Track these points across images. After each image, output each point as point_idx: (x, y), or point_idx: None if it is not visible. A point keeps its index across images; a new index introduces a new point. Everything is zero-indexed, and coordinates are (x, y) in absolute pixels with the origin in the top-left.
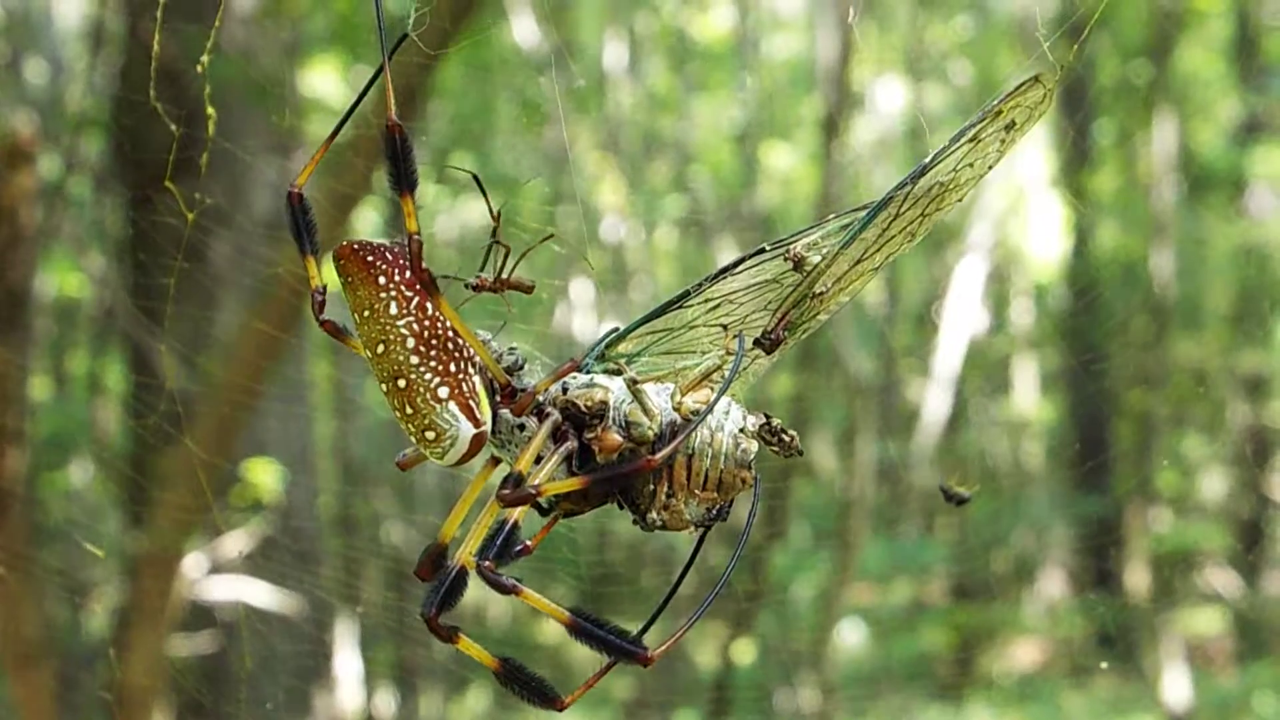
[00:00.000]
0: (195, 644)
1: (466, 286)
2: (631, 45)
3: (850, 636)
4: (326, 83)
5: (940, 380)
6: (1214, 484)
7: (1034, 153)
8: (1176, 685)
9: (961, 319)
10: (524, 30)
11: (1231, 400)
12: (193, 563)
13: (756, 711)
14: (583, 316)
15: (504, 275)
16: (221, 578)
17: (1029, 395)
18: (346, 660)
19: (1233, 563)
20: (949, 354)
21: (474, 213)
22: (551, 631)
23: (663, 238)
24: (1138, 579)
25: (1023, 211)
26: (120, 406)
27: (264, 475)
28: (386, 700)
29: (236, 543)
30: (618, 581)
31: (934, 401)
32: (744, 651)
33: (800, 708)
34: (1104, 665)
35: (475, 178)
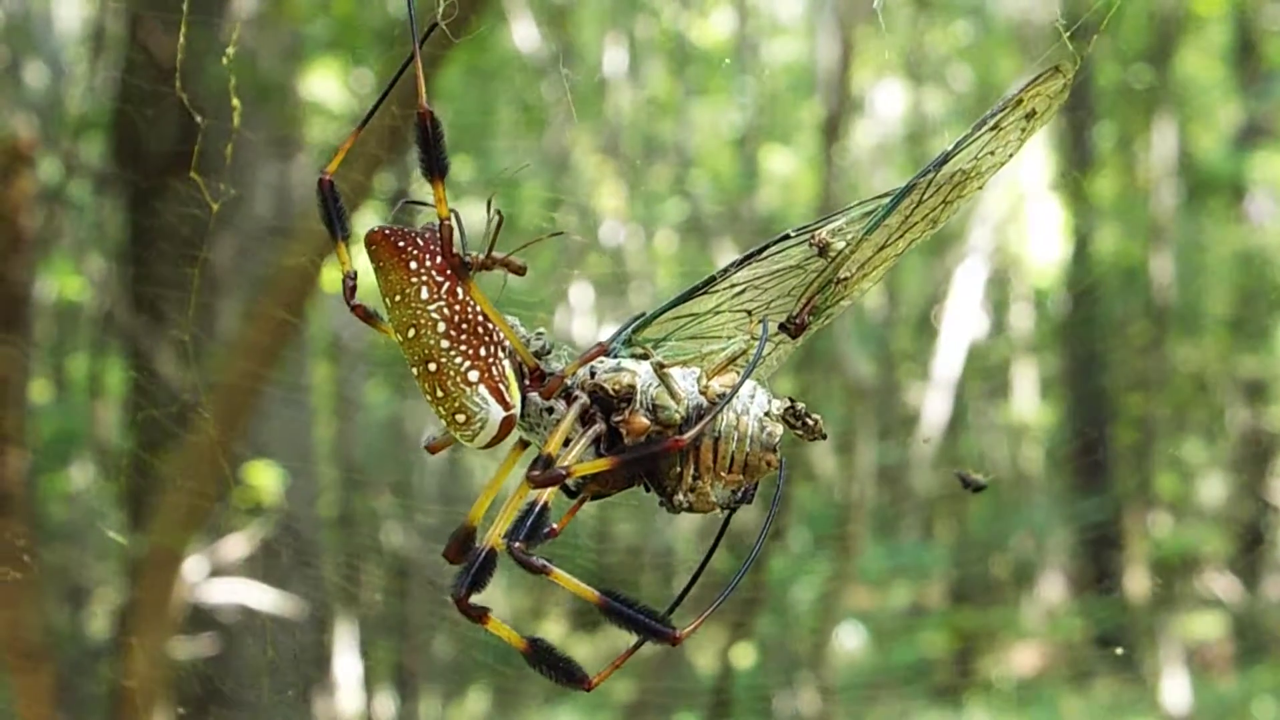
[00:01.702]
0: (196, 645)
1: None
2: (631, 50)
3: (850, 639)
4: (327, 86)
5: (940, 384)
6: (1213, 488)
7: (1035, 157)
8: (1176, 689)
9: (961, 323)
10: (524, 34)
11: (1231, 404)
12: (194, 564)
13: (756, 714)
14: (582, 319)
15: (494, 252)
16: (222, 580)
17: (1029, 399)
18: (346, 661)
19: (1232, 567)
20: (949, 358)
21: (477, 214)
22: (554, 633)
23: (663, 241)
24: (1137, 583)
25: (1023, 216)
26: (121, 407)
27: (265, 478)
28: (386, 702)
29: (237, 545)
30: (617, 580)
31: (934, 405)
32: (743, 655)
33: (800, 711)
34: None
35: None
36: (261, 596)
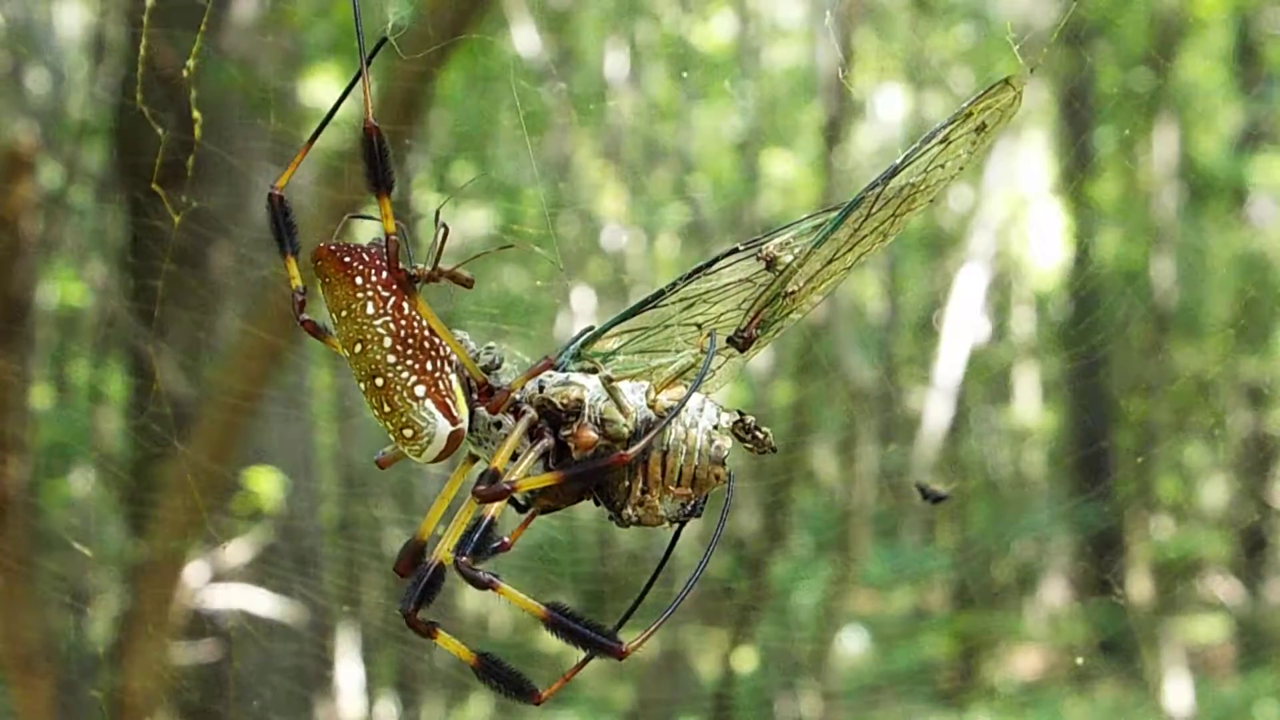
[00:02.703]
0: (196, 652)
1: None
2: (632, 54)
3: (851, 644)
4: (327, 91)
5: (941, 388)
6: (1215, 491)
7: (1035, 161)
8: (1178, 693)
9: (962, 327)
10: (525, 39)
11: (1233, 408)
12: (194, 571)
13: (757, 719)
14: (584, 324)
15: (440, 265)
16: (223, 586)
17: (1030, 403)
18: (348, 667)
19: (1234, 570)
20: (950, 362)
21: (475, 220)
22: (552, 639)
23: (664, 246)
24: (1139, 586)
25: (1024, 220)
26: (121, 414)
27: (265, 483)
28: (388, 707)
29: (238, 551)
30: (618, 586)
31: (935, 409)
32: (745, 659)
33: (801, 715)
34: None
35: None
36: (262, 602)
